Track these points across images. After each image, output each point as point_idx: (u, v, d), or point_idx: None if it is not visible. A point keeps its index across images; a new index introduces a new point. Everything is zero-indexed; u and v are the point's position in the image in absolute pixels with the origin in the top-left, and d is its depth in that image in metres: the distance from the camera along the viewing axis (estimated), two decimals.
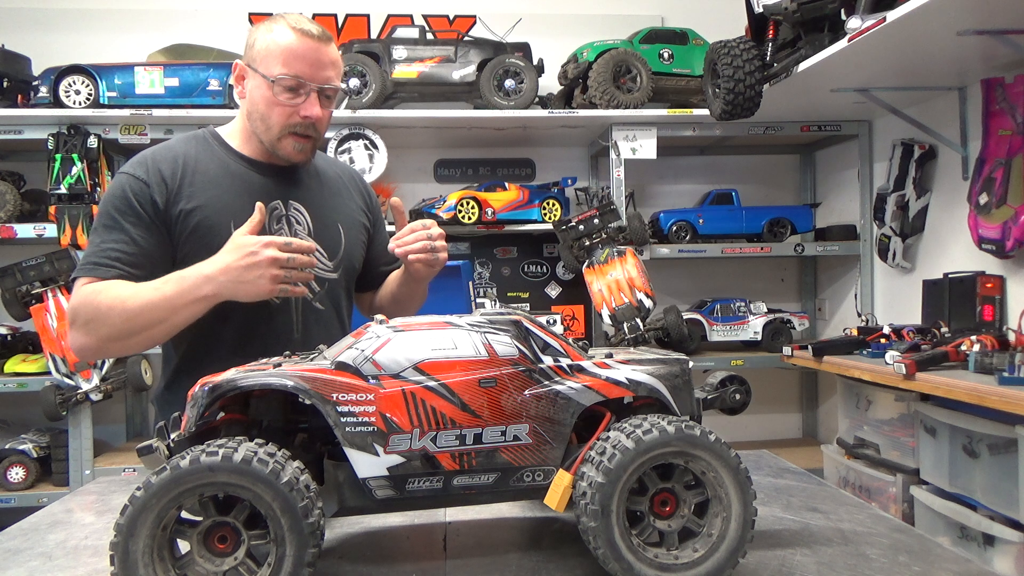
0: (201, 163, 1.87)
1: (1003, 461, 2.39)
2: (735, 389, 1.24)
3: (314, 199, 1.98)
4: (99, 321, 1.69)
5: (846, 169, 4.21)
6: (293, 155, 1.88)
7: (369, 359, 1.06)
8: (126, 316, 1.67)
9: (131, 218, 1.77)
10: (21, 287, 3.46)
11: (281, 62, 1.79)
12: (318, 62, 1.82)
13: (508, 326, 1.10)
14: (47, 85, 3.55)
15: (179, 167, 1.84)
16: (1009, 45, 2.54)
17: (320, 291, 1.93)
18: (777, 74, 3.13)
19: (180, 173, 1.83)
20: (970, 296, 3.03)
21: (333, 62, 1.86)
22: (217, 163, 1.90)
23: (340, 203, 2.05)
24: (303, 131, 1.85)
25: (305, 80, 1.80)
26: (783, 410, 4.63)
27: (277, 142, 1.86)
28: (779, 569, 1.13)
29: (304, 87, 1.81)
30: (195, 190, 1.83)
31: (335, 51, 1.88)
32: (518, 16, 4.18)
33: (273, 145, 1.87)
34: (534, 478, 1.09)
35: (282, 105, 1.81)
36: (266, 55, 1.81)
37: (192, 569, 0.98)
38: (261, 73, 1.81)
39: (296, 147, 1.87)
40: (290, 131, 1.84)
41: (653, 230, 3.96)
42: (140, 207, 1.78)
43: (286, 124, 1.83)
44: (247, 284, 1.64)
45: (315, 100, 1.83)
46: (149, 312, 1.68)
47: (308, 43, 1.80)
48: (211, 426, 1.11)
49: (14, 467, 3.59)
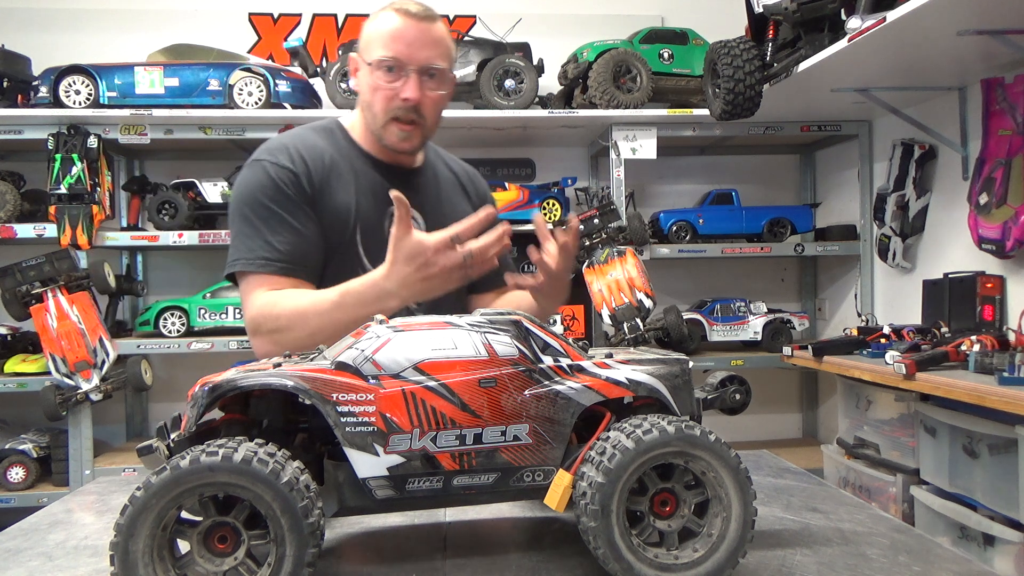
0: (334, 157, 1.84)
1: (1003, 461, 2.39)
2: (735, 389, 1.24)
3: (430, 205, 1.92)
4: (282, 334, 1.66)
5: (846, 169, 4.21)
6: (398, 143, 1.82)
7: (369, 359, 1.06)
8: (308, 331, 1.63)
9: (287, 205, 1.73)
10: (21, 287, 3.45)
11: (382, 45, 1.75)
12: (416, 41, 1.75)
13: (508, 326, 1.10)
14: (47, 85, 3.56)
15: (319, 157, 1.81)
16: (1009, 45, 2.54)
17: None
18: (777, 74, 3.13)
19: (320, 164, 1.80)
20: (970, 296, 3.03)
21: (436, 41, 1.79)
22: (346, 159, 1.86)
23: (456, 210, 1.98)
24: (405, 116, 1.78)
25: (402, 60, 1.74)
26: (783, 410, 4.63)
27: (382, 129, 1.81)
28: (779, 569, 1.13)
29: (403, 68, 1.75)
30: (331, 186, 1.79)
31: (439, 30, 1.81)
32: (518, 16, 4.18)
33: (380, 134, 1.82)
34: (534, 478, 1.09)
35: (382, 88, 1.76)
36: (370, 41, 1.79)
37: (192, 569, 0.98)
38: (365, 60, 1.79)
39: (400, 135, 1.81)
40: (392, 116, 1.78)
41: (653, 230, 3.96)
42: (295, 195, 1.74)
43: (387, 108, 1.78)
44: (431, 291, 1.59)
45: (415, 81, 1.76)
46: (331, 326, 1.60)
47: (407, 23, 1.75)
48: (211, 426, 1.11)
49: (14, 467, 3.59)
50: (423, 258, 1.54)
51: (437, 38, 1.79)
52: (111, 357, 3.48)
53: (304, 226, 1.75)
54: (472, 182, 2.11)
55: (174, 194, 3.72)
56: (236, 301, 3.75)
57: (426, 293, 1.59)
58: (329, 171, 1.80)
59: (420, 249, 1.55)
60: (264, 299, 1.70)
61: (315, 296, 1.69)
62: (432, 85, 1.80)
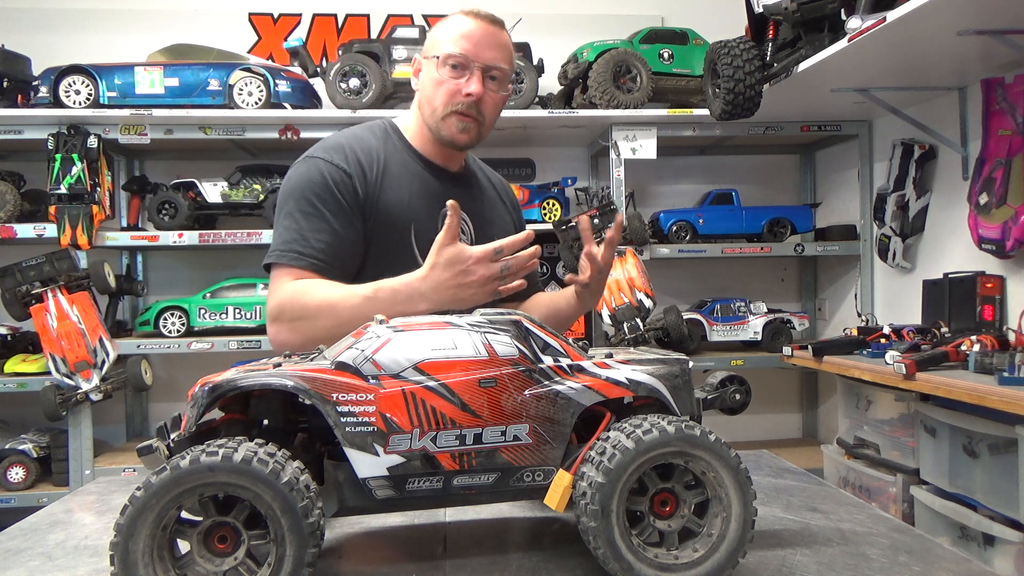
0: (390, 158, 1.87)
1: (1003, 461, 2.39)
2: (735, 389, 1.24)
3: (478, 210, 1.96)
4: (306, 322, 1.67)
5: (846, 169, 4.21)
6: (456, 135, 1.85)
7: (369, 359, 1.06)
8: (336, 322, 1.62)
9: (332, 206, 1.75)
10: (21, 287, 3.45)
11: (450, 42, 1.81)
12: (483, 41, 1.81)
13: (508, 326, 1.10)
14: (47, 85, 3.56)
15: (374, 159, 1.83)
16: (1009, 45, 2.54)
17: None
18: (777, 74, 3.13)
19: (376, 166, 1.82)
20: (970, 296, 3.03)
21: (501, 44, 1.85)
22: (400, 160, 1.88)
23: (496, 215, 2.04)
24: (466, 110, 1.82)
25: (469, 57, 1.80)
26: (783, 410, 4.63)
27: (441, 122, 1.84)
28: (779, 569, 1.13)
29: (468, 65, 1.80)
30: (386, 186, 1.81)
31: (505, 36, 1.88)
32: (518, 16, 4.17)
33: (438, 126, 1.85)
34: (534, 478, 1.09)
35: (446, 82, 1.81)
36: (437, 41, 1.84)
37: (192, 569, 0.98)
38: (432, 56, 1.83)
39: (459, 126, 1.84)
40: (453, 109, 1.82)
41: (653, 230, 3.96)
42: (342, 196, 1.75)
43: (450, 102, 1.82)
44: (462, 301, 1.60)
45: (479, 77, 1.81)
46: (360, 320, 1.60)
47: (476, 23, 1.82)
48: (211, 426, 1.11)
49: (14, 467, 3.59)
50: (463, 266, 1.57)
51: (503, 42, 1.87)
52: (111, 357, 3.48)
53: (344, 229, 1.76)
54: (506, 191, 2.17)
55: (174, 194, 3.72)
56: (236, 301, 3.75)
57: (458, 301, 1.60)
58: (384, 172, 1.83)
59: (462, 257, 1.57)
60: (293, 287, 1.70)
61: (347, 289, 1.69)
62: (494, 86, 1.86)
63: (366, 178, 1.79)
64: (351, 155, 1.81)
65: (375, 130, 1.93)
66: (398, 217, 1.81)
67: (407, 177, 1.86)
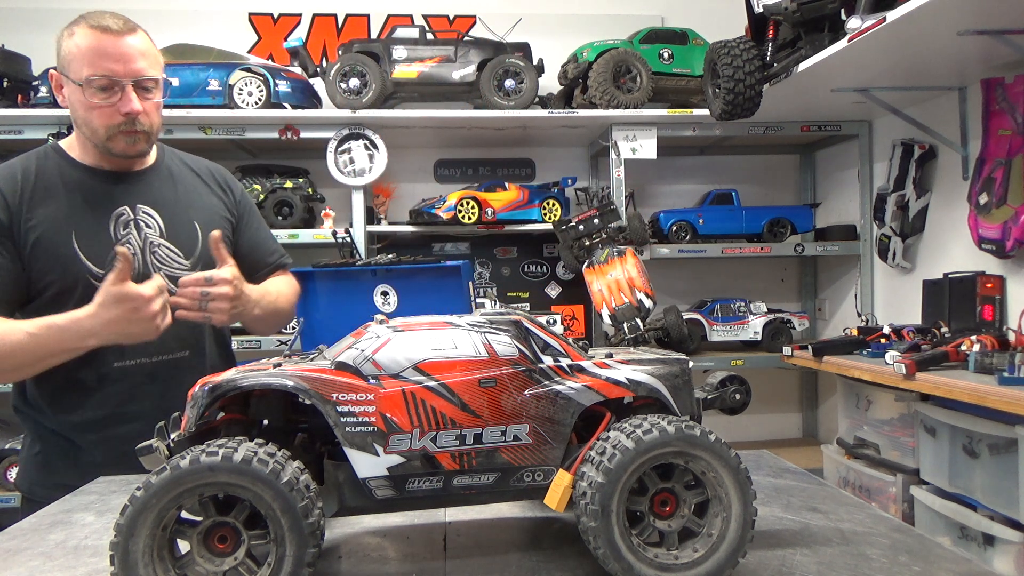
0: (42, 178, 1.86)
1: (1003, 461, 2.39)
2: (735, 389, 1.24)
3: (165, 199, 1.97)
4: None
5: (846, 169, 4.21)
6: (127, 149, 1.87)
7: (369, 359, 1.06)
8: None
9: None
10: None
11: (87, 63, 1.77)
12: (124, 55, 1.79)
13: (508, 326, 1.10)
14: (47, 85, 3.55)
15: (19, 184, 1.83)
16: (1009, 45, 2.54)
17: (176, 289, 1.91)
18: (777, 74, 3.13)
19: (20, 190, 1.82)
20: (970, 296, 3.03)
21: (142, 53, 1.82)
22: (57, 176, 1.88)
23: (197, 200, 2.04)
24: (129, 128, 1.83)
25: (115, 76, 1.78)
26: (783, 410, 4.63)
27: (108, 143, 1.85)
28: (779, 569, 1.13)
29: (116, 84, 1.78)
30: (35, 204, 1.82)
31: (143, 41, 1.84)
32: (518, 16, 4.18)
33: (105, 147, 1.86)
34: (534, 478, 1.09)
35: (99, 107, 1.79)
36: (72, 59, 1.79)
37: (192, 569, 0.98)
38: (72, 79, 1.79)
39: (128, 140, 1.86)
40: (117, 131, 1.83)
41: (653, 230, 3.96)
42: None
43: (109, 125, 1.82)
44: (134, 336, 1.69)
45: (131, 95, 1.80)
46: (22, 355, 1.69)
47: (109, 39, 1.78)
48: (211, 426, 1.11)
49: (14, 467, 3.58)
50: (132, 304, 1.64)
51: (143, 49, 1.83)
52: None
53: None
54: (213, 175, 2.15)
55: None
56: None
57: (128, 336, 1.68)
58: (33, 191, 1.83)
59: (130, 295, 1.64)
60: None
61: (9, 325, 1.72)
62: (147, 94, 1.85)
63: (7, 203, 1.80)
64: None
65: (31, 157, 1.93)
66: (57, 229, 1.82)
67: (66, 191, 1.86)
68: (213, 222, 2.02)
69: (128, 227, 1.89)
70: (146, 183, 1.97)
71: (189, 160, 2.14)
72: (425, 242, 4.37)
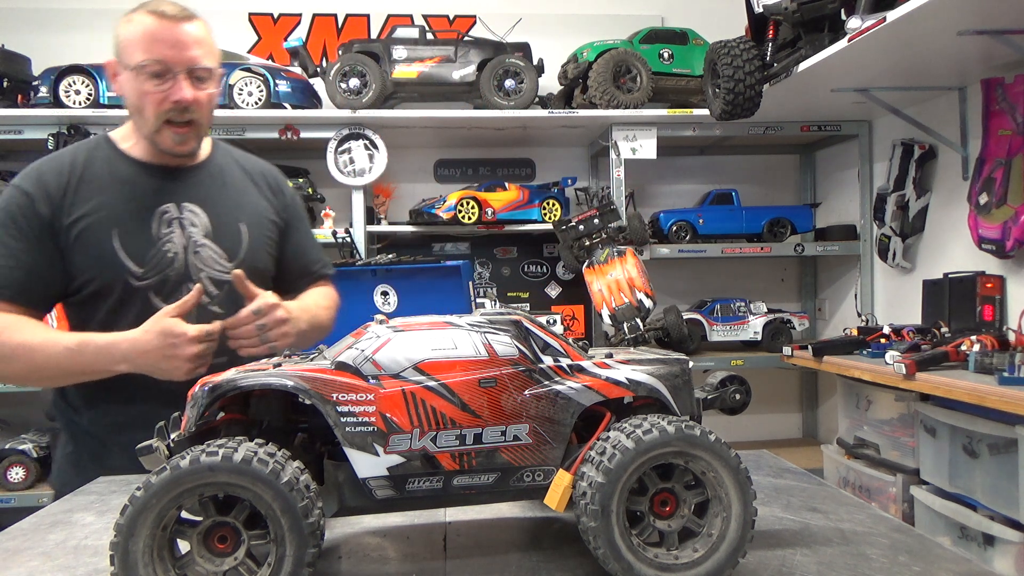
0: (89, 170, 1.82)
1: (1003, 461, 2.39)
2: (735, 389, 1.24)
3: (212, 198, 1.91)
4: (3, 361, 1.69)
5: (846, 169, 4.21)
6: (174, 146, 1.82)
7: (369, 359, 1.06)
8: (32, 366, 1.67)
9: (13, 232, 1.74)
10: None
11: (142, 48, 1.72)
12: (180, 42, 1.74)
13: (508, 326, 1.10)
14: (47, 85, 3.56)
15: (65, 177, 1.79)
16: (1009, 45, 2.54)
17: (218, 294, 1.87)
18: (777, 74, 3.13)
19: (66, 183, 1.79)
20: (970, 296, 3.03)
21: (198, 41, 1.78)
22: (106, 169, 1.84)
23: (245, 201, 1.98)
24: (179, 117, 1.78)
25: (168, 63, 1.73)
26: (783, 410, 4.63)
27: (156, 134, 1.80)
28: (779, 569, 1.13)
29: (169, 71, 1.74)
30: (80, 199, 1.78)
31: (200, 29, 1.80)
32: (518, 16, 4.18)
33: (153, 139, 1.81)
34: (534, 478, 1.09)
35: (151, 93, 1.74)
36: (128, 44, 1.75)
37: (192, 569, 0.98)
38: (126, 65, 1.75)
39: (175, 138, 1.81)
40: (165, 119, 1.77)
41: (653, 230, 3.96)
42: (25, 222, 1.74)
43: (158, 112, 1.76)
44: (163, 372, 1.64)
45: (183, 83, 1.75)
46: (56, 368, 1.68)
47: (165, 24, 1.73)
48: (211, 426, 1.11)
49: (14, 467, 3.59)
50: (174, 339, 1.60)
51: (199, 38, 1.78)
52: None
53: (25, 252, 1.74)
54: (265, 176, 2.08)
55: None
56: None
57: (159, 371, 1.64)
58: (79, 185, 1.79)
59: (175, 332, 1.61)
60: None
61: (51, 335, 1.70)
62: (201, 85, 1.80)
63: (50, 196, 1.76)
64: (37, 177, 1.79)
65: (81, 147, 1.89)
66: (99, 225, 1.78)
67: (113, 184, 1.82)
68: (260, 224, 1.97)
69: (171, 225, 1.83)
70: (195, 180, 1.91)
71: (242, 159, 2.08)
72: (425, 242, 4.37)
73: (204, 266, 1.87)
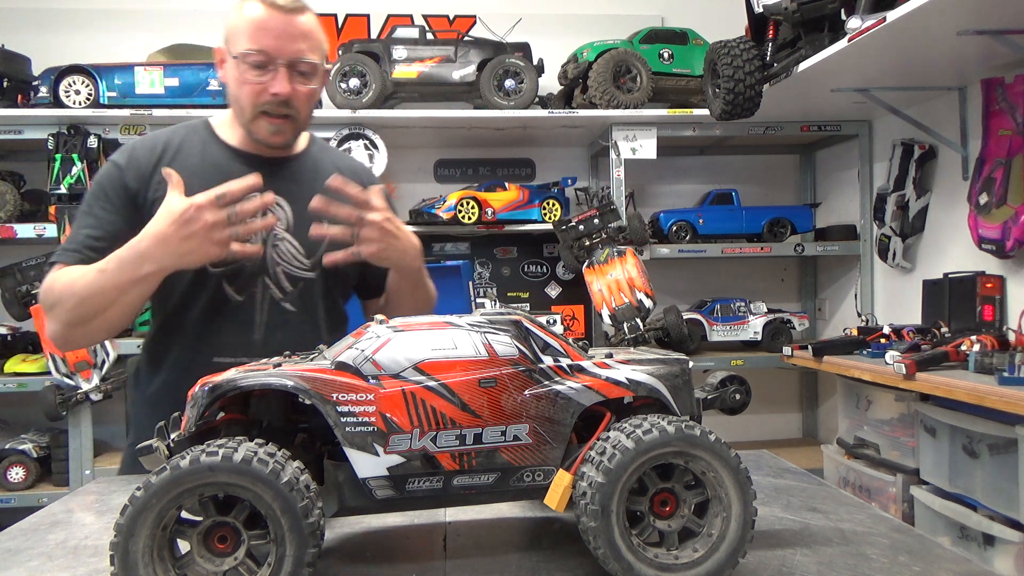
0: (183, 151, 1.81)
1: (1003, 461, 2.39)
2: (735, 389, 1.24)
3: (299, 193, 1.85)
4: (59, 307, 1.66)
5: (846, 169, 4.21)
6: (268, 137, 1.79)
7: (369, 359, 1.06)
8: (76, 300, 1.63)
9: (103, 202, 1.74)
10: (21, 287, 3.46)
11: (247, 37, 1.70)
12: (285, 34, 1.70)
13: (508, 326, 1.10)
14: (47, 85, 3.56)
15: (158, 154, 1.79)
16: (1009, 45, 2.54)
17: (292, 290, 1.83)
18: (777, 74, 3.13)
19: (157, 159, 1.77)
20: (970, 296, 3.03)
21: (305, 34, 1.74)
22: (199, 152, 1.83)
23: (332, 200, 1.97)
24: (276, 110, 1.75)
25: (271, 54, 1.70)
26: (783, 410, 4.63)
27: (251, 123, 1.77)
28: (779, 569, 1.13)
29: (272, 62, 1.71)
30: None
31: (309, 22, 1.76)
32: (518, 16, 4.18)
33: (249, 128, 1.79)
34: (534, 478, 1.09)
35: (250, 83, 1.72)
36: (234, 32, 1.74)
37: (192, 569, 0.98)
38: (231, 52, 1.74)
39: (271, 128, 1.77)
40: (262, 111, 1.74)
41: (653, 230, 3.96)
42: (113, 192, 1.74)
43: (256, 103, 1.73)
44: (191, 255, 1.54)
45: (284, 76, 1.72)
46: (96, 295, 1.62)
47: (273, 14, 1.70)
48: (211, 426, 1.11)
49: (14, 467, 3.59)
50: (185, 215, 1.52)
51: (306, 31, 1.74)
52: (111, 357, 3.48)
53: (110, 221, 1.73)
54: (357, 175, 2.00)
55: None
56: None
57: (184, 256, 1.55)
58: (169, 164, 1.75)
59: (181, 206, 1.52)
60: (49, 276, 1.70)
61: (86, 267, 1.66)
62: (302, 79, 1.76)
63: (141, 172, 1.76)
64: (131, 152, 1.79)
65: (179, 129, 1.88)
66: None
67: (204, 168, 1.78)
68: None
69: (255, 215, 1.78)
70: (285, 173, 1.87)
71: (336, 157, 2.04)
72: (425, 242, 4.32)
73: (281, 260, 1.83)
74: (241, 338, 1.77)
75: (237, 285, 1.79)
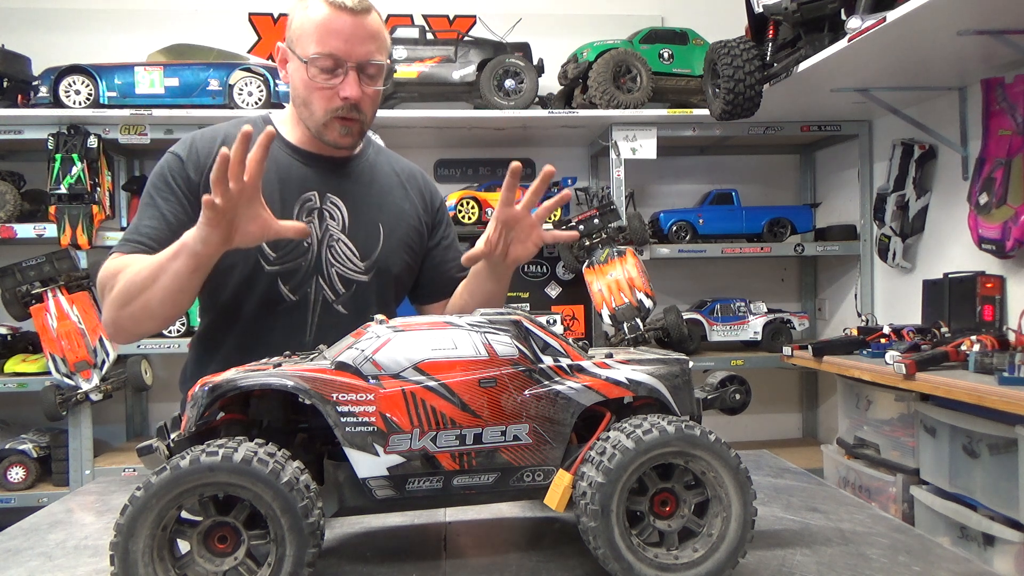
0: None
1: (1003, 461, 2.39)
2: (735, 389, 1.24)
3: (357, 194, 1.86)
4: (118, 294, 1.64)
5: (846, 169, 4.21)
6: (339, 139, 1.78)
7: (369, 359, 1.06)
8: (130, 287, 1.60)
9: (165, 193, 1.74)
10: (21, 287, 3.45)
11: (315, 40, 1.68)
12: (354, 36, 1.68)
13: (508, 326, 1.10)
14: (47, 85, 3.55)
15: (217, 146, 1.78)
16: (1009, 45, 2.54)
17: (345, 293, 1.81)
18: (777, 74, 3.13)
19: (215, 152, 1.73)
20: (970, 296, 3.03)
21: (372, 35, 1.72)
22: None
23: (389, 202, 1.92)
24: (346, 113, 1.74)
25: (341, 57, 1.68)
26: (783, 410, 4.62)
27: (323, 128, 1.76)
28: (779, 569, 1.13)
29: (342, 66, 1.69)
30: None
31: (375, 22, 1.74)
32: (518, 16, 4.18)
33: (319, 131, 1.78)
34: (534, 478, 1.09)
35: (321, 88, 1.71)
36: (301, 34, 1.72)
37: (192, 569, 0.98)
38: (298, 55, 1.72)
39: (342, 131, 1.77)
40: (334, 115, 1.74)
41: (653, 230, 3.96)
42: (174, 182, 1.74)
43: (328, 108, 1.73)
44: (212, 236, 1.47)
45: (354, 79, 1.70)
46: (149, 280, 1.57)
47: (342, 17, 1.68)
48: (211, 426, 1.11)
49: (14, 467, 3.59)
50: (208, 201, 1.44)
51: (374, 32, 1.72)
52: (111, 357, 3.48)
53: (173, 214, 1.72)
54: (414, 180, 2.03)
55: None
56: None
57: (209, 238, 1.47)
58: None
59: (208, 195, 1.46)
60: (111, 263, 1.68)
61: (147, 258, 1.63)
62: (369, 81, 1.75)
63: (199, 162, 1.76)
64: (191, 144, 1.80)
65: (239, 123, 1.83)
66: None
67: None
68: (400, 228, 1.90)
69: (312, 215, 1.79)
70: (343, 173, 1.86)
71: (393, 159, 2.04)
72: None
73: (336, 262, 1.81)
74: (293, 339, 1.75)
75: (291, 284, 1.78)
